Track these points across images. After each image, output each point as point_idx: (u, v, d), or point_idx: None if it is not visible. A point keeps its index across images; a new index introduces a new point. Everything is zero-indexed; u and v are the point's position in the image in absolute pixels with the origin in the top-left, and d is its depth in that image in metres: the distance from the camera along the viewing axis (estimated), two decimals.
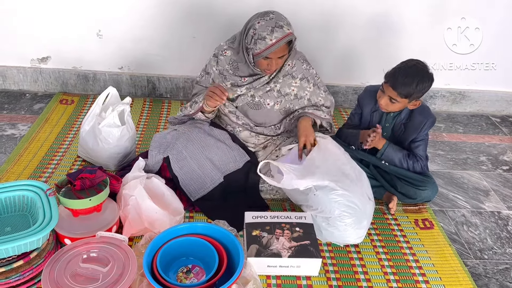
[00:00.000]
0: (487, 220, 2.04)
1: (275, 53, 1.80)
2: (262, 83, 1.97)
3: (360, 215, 1.76)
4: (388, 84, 1.85)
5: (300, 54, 2.03)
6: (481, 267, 1.79)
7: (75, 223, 1.64)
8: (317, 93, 2.07)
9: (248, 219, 1.76)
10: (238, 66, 1.97)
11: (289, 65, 1.98)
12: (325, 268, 1.69)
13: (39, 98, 2.73)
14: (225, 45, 2.00)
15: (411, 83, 1.80)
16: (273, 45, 1.76)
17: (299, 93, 2.03)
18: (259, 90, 1.99)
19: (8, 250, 1.36)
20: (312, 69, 2.05)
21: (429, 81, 1.84)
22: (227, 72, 1.99)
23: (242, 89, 1.98)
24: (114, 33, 2.65)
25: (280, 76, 1.99)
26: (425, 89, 1.84)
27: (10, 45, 2.67)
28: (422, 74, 1.82)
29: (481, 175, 2.36)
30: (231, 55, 1.97)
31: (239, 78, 1.97)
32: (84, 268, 1.42)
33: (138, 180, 1.80)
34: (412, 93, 1.83)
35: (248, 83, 1.97)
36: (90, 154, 2.11)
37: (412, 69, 1.83)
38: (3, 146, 2.25)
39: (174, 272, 1.56)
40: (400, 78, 1.81)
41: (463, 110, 3.02)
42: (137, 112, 2.66)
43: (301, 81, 2.02)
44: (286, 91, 2.01)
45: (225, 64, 1.98)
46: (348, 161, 1.86)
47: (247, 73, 1.97)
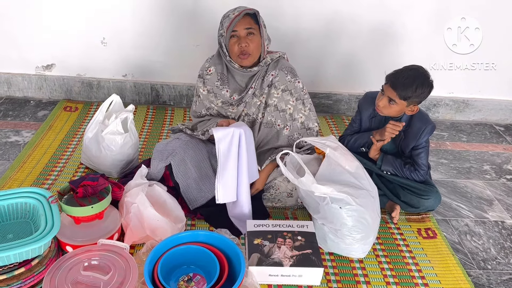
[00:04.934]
0: (491, 230, 2.03)
1: (239, 24, 1.85)
2: (250, 95, 1.98)
3: (369, 231, 1.75)
4: (388, 84, 1.85)
5: (286, 65, 2.02)
6: (484, 278, 1.77)
7: (77, 230, 1.64)
8: (299, 108, 2.04)
9: (249, 227, 1.76)
10: (228, 78, 2.00)
11: (272, 75, 1.99)
12: (327, 277, 1.68)
13: (43, 105, 2.75)
14: (207, 63, 2.05)
15: (411, 84, 1.81)
16: (237, 16, 1.84)
17: (293, 113, 2.03)
18: (251, 106, 2.01)
19: (9, 257, 1.37)
20: (298, 83, 2.03)
21: (428, 87, 1.84)
22: (217, 88, 2.01)
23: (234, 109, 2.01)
24: (118, 41, 2.67)
25: (265, 87, 1.99)
26: (423, 93, 1.84)
27: (15, 52, 2.70)
28: (423, 78, 1.83)
29: (485, 184, 2.35)
30: (215, 70, 2.01)
31: (229, 96, 1.99)
32: (85, 276, 1.42)
33: (140, 187, 1.80)
34: (410, 96, 1.82)
35: (238, 100, 1.99)
36: (93, 161, 2.11)
37: (413, 72, 1.84)
38: (7, 153, 2.26)
39: (175, 280, 1.56)
40: (401, 79, 1.82)
41: (466, 119, 3.01)
42: (141, 119, 2.67)
43: (283, 93, 2.01)
44: (282, 107, 2.02)
45: (214, 81, 2.02)
46: (366, 177, 1.83)
47: (235, 85, 2.00)
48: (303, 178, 1.70)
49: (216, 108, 2.05)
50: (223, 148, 1.77)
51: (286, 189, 1.99)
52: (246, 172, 1.83)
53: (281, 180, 1.99)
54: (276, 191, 2.01)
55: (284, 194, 2.00)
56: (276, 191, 2.01)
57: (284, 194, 2.00)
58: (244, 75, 1.98)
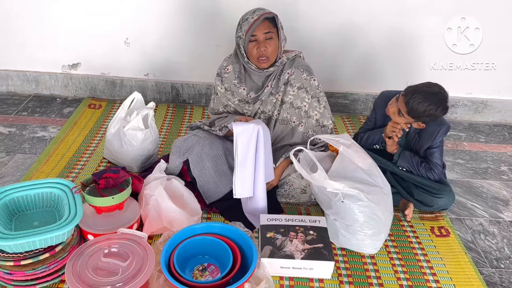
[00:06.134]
0: (506, 230, 2.02)
1: (258, 29, 1.89)
2: (266, 94, 2.03)
3: (381, 227, 1.77)
4: (404, 98, 1.87)
5: (302, 63, 2.06)
6: (497, 276, 1.78)
7: (98, 220, 1.72)
8: (314, 106, 2.08)
9: (263, 221, 1.81)
10: (245, 77, 2.05)
11: (288, 73, 2.03)
12: (338, 271, 1.72)
13: (69, 103, 2.86)
14: (225, 62, 2.10)
15: (423, 109, 1.82)
16: (256, 21, 1.88)
17: (308, 111, 2.07)
18: (267, 103, 2.05)
19: (35, 242, 1.45)
20: (313, 81, 2.06)
21: (442, 112, 1.84)
22: (234, 87, 2.06)
23: (250, 106, 2.06)
24: (140, 41, 2.76)
25: (281, 85, 2.04)
26: (433, 117, 1.85)
27: (43, 52, 2.81)
28: (437, 104, 1.82)
29: (502, 184, 2.34)
30: (233, 69, 2.06)
31: (246, 94, 2.04)
32: (105, 262, 1.49)
33: (158, 181, 1.87)
34: (420, 117, 1.85)
35: (254, 98, 2.04)
36: (115, 156, 2.20)
37: (430, 97, 1.82)
38: (34, 147, 2.37)
39: (190, 270, 1.62)
40: (415, 100, 1.82)
41: (485, 120, 2.99)
42: (161, 117, 2.76)
43: (299, 90, 2.05)
44: (298, 104, 2.06)
45: (232, 79, 2.06)
46: (379, 174, 1.86)
47: (251, 84, 2.05)
48: (316, 174, 1.74)
49: (233, 106, 2.11)
50: (242, 143, 1.82)
51: (300, 185, 2.04)
52: (263, 168, 1.88)
53: (295, 176, 2.04)
54: (290, 187, 2.05)
55: (298, 190, 2.04)
56: (290, 187, 2.05)
57: (298, 190, 2.04)
58: (261, 75, 2.03)
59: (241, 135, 1.80)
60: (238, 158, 1.82)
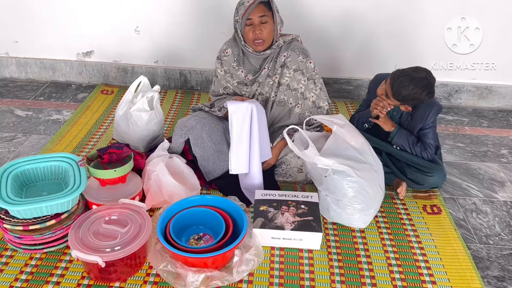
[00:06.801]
0: (499, 209, 2.06)
1: (254, 13, 1.98)
2: (263, 76, 2.11)
3: (370, 202, 1.84)
4: (390, 82, 1.92)
5: (298, 46, 2.13)
6: (484, 251, 1.82)
7: (103, 192, 1.84)
8: (311, 88, 2.15)
9: (258, 196, 1.90)
10: (243, 60, 2.13)
11: (284, 56, 2.11)
12: (328, 243, 1.80)
13: (83, 89, 3.01)
14: (225, 45, 2.19)
15: (407, 94, 1.86)
16: (251, 5, 1.96)
17: (305, 92, 2.14)
18: (264, 85, 2.13)
19: (42, 209, 1.58)
20: (309, 63, 2.13)
21: (427, 96, 1.87)
22: (233, 69, 2.15)
23: (248, 88, 2.14)
24: (150, 29, 2.88)
25: (278, 67, 2.11)
26: (418, 101, 1.89)
27: (59, 40, 2.97)
28: (423, 88, 1.85)
29: (500, 167, 2.36)
30: (232, 52, 2.15)
31: (244, 76, 2.13)
32: (105, 228, 1.61)
33: (160, 158, 1.98)
34: (404, 100, 1.90)
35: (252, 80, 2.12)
36: (123, 136, 2.32)
37: (417, 80, 1.85)
38: (49, 129, 2.52)
39: (186, 239, 1.73)
40: (399, 84, 1.87)
41: (490, 105, 2.99)
42: (169, 102, 2.87)
43: (295, 72, 2.12)
44: (294, 86, 2.13)
45: (231, 62, 2.16)
46: (371, 153, 1.92)
47: (249, 67, 2.14)
48: (307, 151, 1.82)
49: (232, 87, 2.20)
50: (236, 121, 1.91)
51: (296, 165, 2.11)
52: (258, 145, 1.97)
53: (292, 156, 2.12)
54: (287, 167, 2.13)
55: (294, 169, 2.12)
56: (287, 167, 2.13)
57: (295, 169, 2.12)
58: (258, 57, 2.12)
59: (236, 113, 1.89)
60: (233, 135, 1.92)
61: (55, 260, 1.66)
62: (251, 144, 1.96)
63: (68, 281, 1.59)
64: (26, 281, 1.58)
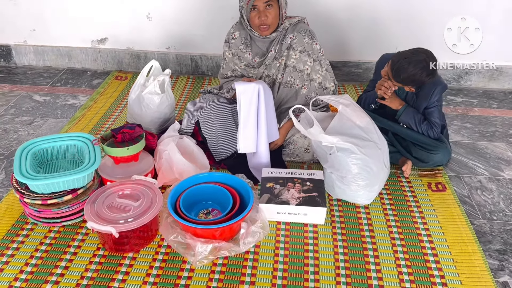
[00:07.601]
0: (504, 187, 2.08)
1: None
2: (270, 58, 2.16)
3: (374, 179, 1.89)
4: (390, 65, 1.95)
5: (304, 28, 2.16)
6: (487, 227, 1.85)
7: (116, 169, 1.93)
8: (317, 69, 2.19)
9: (264, 174, 1.96)
10: (250, 43, 2.18)
11: (290, 38, 2.14)
12: (332, 219, 1.85)
13: (98, 75, 3.11)
14: (232, 29, 2.24)
15: (406, 75, 1.89)
16: None
17: (311, 74, 2.18)
18: (271, 67, 2.18)
19: (59, 184, 1.68)
20: (315, 45, 2.16)
21: (427, 77, 1.90)
22: (241, 52, 2.21)
23: (255, 70, 2.19)
24: (161, 16, 2.95)
25: (284, 49, 2.15)
26: (418, 82, 1.92)
27: (74, 28, 3.06)
28: (422, 70, 1.88)
29: (507, 146, 2.37)
30: (239, 35, 2.20)
31: (251, 59, 2.18)
32: (119, 202, 1.69)
33: (171, 138, 2.06)
34: (404, 81, 1.93)
35: (259, 62, 2.17)
36: (136, 119, 2.40)
37: (417, 63, 1.88)
38: (65, 112, 2.63)
39: (195, 214, 1.80)
40: (397, 66, 1.90)
41: (501, 87, 2.99)
42: (181, 87, 2.95)
43: (301, 54, 2.16)
44: (300, 67, 2.18)
45: (238, 45, 2.21)
46: (376, 131, 1.97)
47: (256, 49, 2.18)
48: (312, 129, 1.87)
49: (239, 70, 2.26)
50: (244, 101, 1.97)
51: (303, 145, 2.17)
52: (265, 125, 2.03)
53: (299, 136, 2.17)
54: (294, 147, 2.19)
55: (301, 149, 2.18)
56: (294, 147, 2.19)
57: (302, 149, 2.18)
58: (265, 41, 2.17)
59: (243, 93, 1.95)
60: (241, 115, 1.98)
61: (72, 233, 1.76)
62: (258, 123, 2.02)
63: (85, 252, 1.68)
64: (46, 251, 1.68)
